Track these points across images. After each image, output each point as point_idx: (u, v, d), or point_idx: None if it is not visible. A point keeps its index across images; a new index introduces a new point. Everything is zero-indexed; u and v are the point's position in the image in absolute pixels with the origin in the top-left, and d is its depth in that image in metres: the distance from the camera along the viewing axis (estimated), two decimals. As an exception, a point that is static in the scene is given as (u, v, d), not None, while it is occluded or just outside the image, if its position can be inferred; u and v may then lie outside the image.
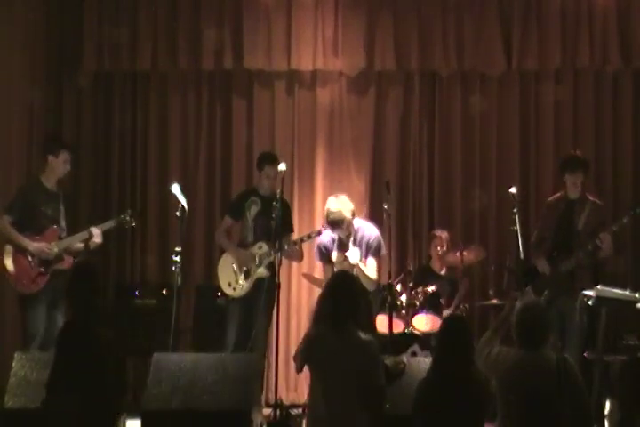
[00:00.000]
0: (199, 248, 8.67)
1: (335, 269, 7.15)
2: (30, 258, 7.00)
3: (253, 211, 7.54)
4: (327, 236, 7.39)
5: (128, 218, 7.35)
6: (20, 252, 7.00)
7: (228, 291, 7.49)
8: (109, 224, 7.32)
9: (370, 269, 7.24)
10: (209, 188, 8.77)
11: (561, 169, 7.34)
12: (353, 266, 7.15)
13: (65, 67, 8.71)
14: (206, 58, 8.56)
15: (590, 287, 6.85)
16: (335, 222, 7.21)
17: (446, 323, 5.28)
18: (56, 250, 7.04)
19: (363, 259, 7.24)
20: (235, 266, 7.48)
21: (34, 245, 7.00)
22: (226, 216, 7.77)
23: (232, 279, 7.48)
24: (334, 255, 7.36)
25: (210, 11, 8.58)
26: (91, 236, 7.12)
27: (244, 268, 7.44)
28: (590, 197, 7.11)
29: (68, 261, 7.12)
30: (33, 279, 6.99)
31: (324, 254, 7.42)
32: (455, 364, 4.96)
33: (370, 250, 7.29)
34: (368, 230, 7.37)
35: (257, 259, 7.39)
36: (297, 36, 8.55)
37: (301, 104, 8.77)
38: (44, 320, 6.99)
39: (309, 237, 7.48)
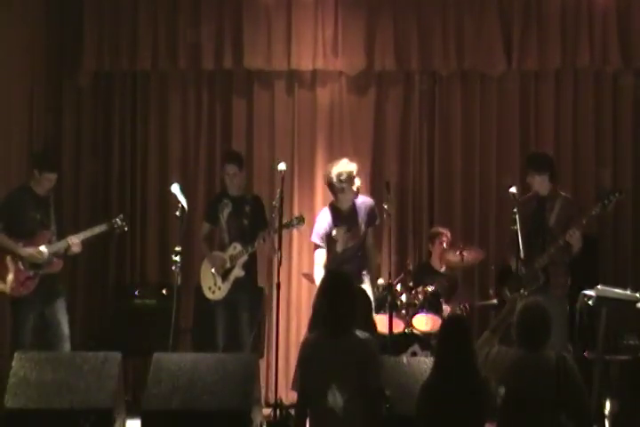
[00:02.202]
0: (199, 248, 8.64)
1: (338, 248, 7.25)
2: (19, 262, 6.99)
3: (225, 213, 7.62)
4: (326, 215, 7.36)
5: (120, 222, 7.35)
6: (8, 255, 6.99)
7: (209, 295, 7.56)
8: (99, 229, 7.30)
9: (371, 238, 7.34)
10: (209, 188, 8.77)
11: (526, 167, 7.32)
12: (354, 240, 7.22)
13: (65, 67, 8.71)
14: (206, 58, 8.56)
15: (564, 283, 6.88)
16: (350, 179, 7.21)
17: (446, 324, 5.28)
18: (46, 254, 7.03)
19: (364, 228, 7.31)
20: (213, 270, 7.53)
21: (24, 249, 6.99)
22: (203, 222, 7.84)
23: (211, 283, 7.55)
24: (335, 231, 7.32)
25: (210, 11, 8.58)
26: (69, 245, 7.12)
27: (221, 270, 7.49)
28: (562, 193, 7.11)
29: (57, 265, 7.12)
30: (22, 283, 6.98)
31: (322, 235, 7.33)
32: (456, 365, 4.96)
33: (370, 218, 7.32)
34: (366, 198, 7.45)
35: (232, 259, 7.44)
36: (297, 36, 8.55)
37: (301, 104, 8.77)
38: (33, 326, 6.99)
39: (275, 231, 7.34)
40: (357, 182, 7.31)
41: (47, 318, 7.06)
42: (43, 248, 7.02)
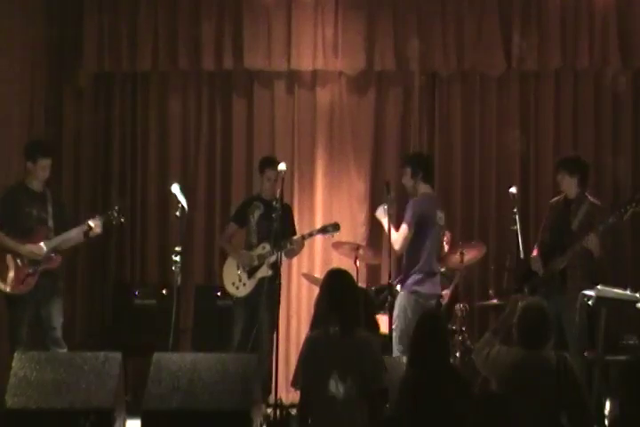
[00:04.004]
0: (199, 248, 8.67)
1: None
2: (18, 259, 6.99)
3: (256, 215, 7.68)
4: None
5: (115, 215, 7.35)
6: (8, 254, 6.99)
7: (232, 290, 7.61)
8: (96, 221, 7.31)
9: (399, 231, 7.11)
10: (209, 188, 8.78)
11: (558, 167, 7.31)
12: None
13: (65, 67, 8.72)
14: (206, 58, 8.57)
15: (582, 286, 6.87)
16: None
17: (420, 320, 5.26)
18: (45, 251, 7.03)
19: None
20: (238, 267, 7.58)
21: (23, 246, 6.99)
22: (230, 222, 7.89)
23: (236, 279, 7.60)
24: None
25: (210, 11, 8.59)
26: (90, 227, 7.13)
27: (247, 268, 7.55)
28: (590, 198, 7.08)
29: (56, 261, 7.12)
30: (22, 280, 6.98)
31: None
32: (428, 362, 4.95)
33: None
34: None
35: (260, 258, 7.50)
36: (297, 36, 8.55)
37: (301, 104, 8.77)
38: (28, 323, 6.99)
39: (311, 234, 7.64)
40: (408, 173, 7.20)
41: (43, 323, 7.04)
42: (42, 244, 7.03)
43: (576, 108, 8.66)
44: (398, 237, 7.04)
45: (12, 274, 6.97)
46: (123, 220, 7.46)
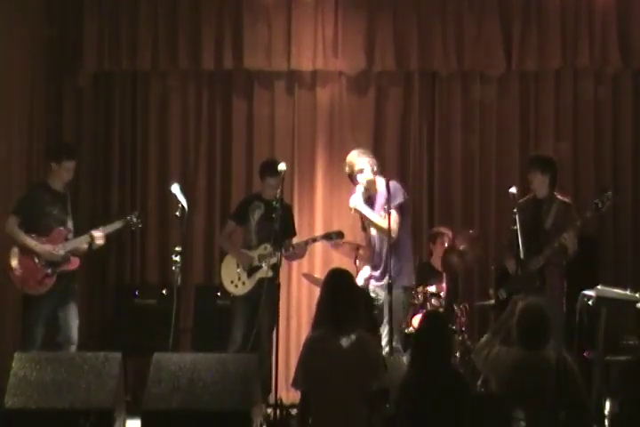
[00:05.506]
0: (199, 248, 8.67)
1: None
2: (37, 259, 6.99)
3: (257, 215, 7.64)
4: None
5: (135, 219, 7.36)
6: (26, 253, 6.99)
7: (231, 288, 7.60)
8: (116, 225, 7.31)
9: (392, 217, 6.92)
10: (209, 188, 8.78)
11: (530, 165, 7.32)
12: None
13: (65, 67, 8.72)
14: (206, 58, 8.57)
15: (560, 284, 6.87)
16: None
17: (423, 320, 5.26)
18: (62, 252, 7.03)
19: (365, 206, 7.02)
20: (238, 265, 7.58)
21: (41, 246, 6.99)
22: (229, 220, 7.87)
23: (235, 278, 7.59)
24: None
25: (210, 11, 8.60)
26: (92, 238, 7.13)
27: (247, 267, 7.55)
28: (559, 196, 7.11)
29: (74, 263, 7.12)
30: (40, 281, 6.99)
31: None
32: (430, 362, 4.95)
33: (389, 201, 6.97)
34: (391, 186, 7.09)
35: (261, 259, 7.49)
36: (297, 36, 8.56)
37: (301, 104, 8.78)
38: (45, 324, 7.01)
39: (314, 240, 7.65)
40: (361, 166, 7.14)
41: (60, 322, 7.06)
42: (60, 246, 7.03)
43: (576, 108, 8.66)
44: (394, 223, 6.88)
45: (15, 261, 6.96)
46: (140, 225, 7.49)
